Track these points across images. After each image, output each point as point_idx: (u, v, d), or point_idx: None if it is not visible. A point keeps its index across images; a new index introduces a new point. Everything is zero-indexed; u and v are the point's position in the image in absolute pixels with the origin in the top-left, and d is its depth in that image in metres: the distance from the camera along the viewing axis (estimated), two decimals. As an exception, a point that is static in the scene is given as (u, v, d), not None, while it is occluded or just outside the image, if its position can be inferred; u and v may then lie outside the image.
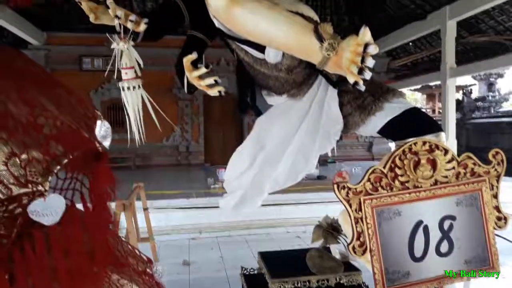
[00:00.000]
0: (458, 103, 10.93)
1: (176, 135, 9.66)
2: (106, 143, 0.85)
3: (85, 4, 1.71)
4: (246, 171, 2.14)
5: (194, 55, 1.54)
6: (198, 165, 9.60)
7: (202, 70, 1.53)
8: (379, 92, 1.86)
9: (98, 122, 0.84)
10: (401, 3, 7.42)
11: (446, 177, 1.52)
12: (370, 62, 1.03)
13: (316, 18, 1.68)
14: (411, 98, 21.81)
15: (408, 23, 7.52)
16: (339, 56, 1.09)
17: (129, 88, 1.79)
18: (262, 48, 1.71)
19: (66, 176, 0.82)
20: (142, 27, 1.77)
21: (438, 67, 7.02)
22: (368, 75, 1.05)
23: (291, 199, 5.13)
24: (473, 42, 7.51)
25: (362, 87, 1.07)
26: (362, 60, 1.04)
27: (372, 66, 1.04)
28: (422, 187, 1.50)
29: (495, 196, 1.60)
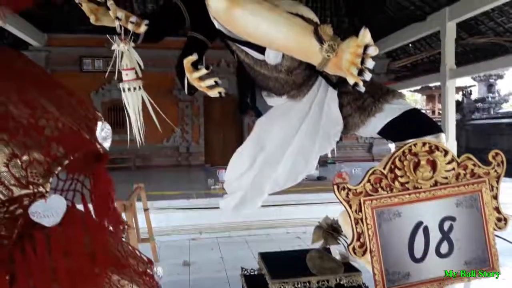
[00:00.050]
0: (458, 104, 10.91)
1: (176, 136, 9.66)
2: (107, 145, 0.86)
3: (85, 5, 1.71)
4: (246, 172, 2.14)
5: (195, 57, 1.54)
6: (199, 166, 9.60)
7: (203, 72, 1.53)
8: (379, 93, 1.87)
9: (99, 124, 0.84)
10: (400, 5, 7.43)
11: (446, 178, 1.52)
12: (370, 63, 1.04)
13: (316, 19, 1.69)
14: (411, 99, 21.81)
15: (407, 25, 7.53)
16: (339, 57, 1.09)
17: (129, 89, 1.79)
18: (262, 49, 1.71)
19: (67, 177, 0.82)
20: (142, 29, 1.78)
21: (438, 68, 7.02)
22: (368, 77, 1.05)
23: (291, 200, 5.12)
24: (472, 44, 7.51)
25: (362, 88, 1.07)
26: (362, 61, 1.04)
27: (372, 68, 1.05)
28: (422, 188, 1.50)
29: (495, 197, 1.60)
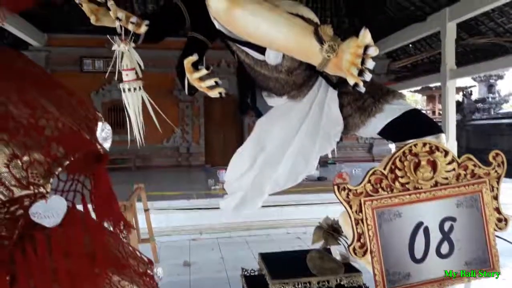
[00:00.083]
0: (458, 105, 10.91)
1: (176, 137, 9.66)
2: (107, 145, 0.86)
3: (86, 6, 1.71)
4: (246, 172, 2.14)
5: (195, 57, 1.54)
6: (199, 166, 9.60)
7: (203, 72, 1.53)
8: (379, 93, 1.87)
9: (99, 124, 0.84)
10: (401, 5, 7.43)
11: (447, 178, 1.52)
12: (370, 63, 1.04)
13: (316, 20, 1.69)
14: (411, 99, 21.81)
15: (408, 25, 7.53)
16: (339, 58, 1.09)
17: (130, 89, 1.79)
18: (262, 49, 1.71)
19: (68, 178, 0.82)
20: (143, 29, 1.78)
21: (438, 69, 7.02)
22: (368, 77, 1.05)
23: (292, 200, 5.12)
24: (473, 44, 7.51)
25: (362, 89, 1.07)
26: (362, 62, 1.04)
27: (372, 68, 1.05)
28: (423, 189, 1.50)
29: (496, 197, 1.60)
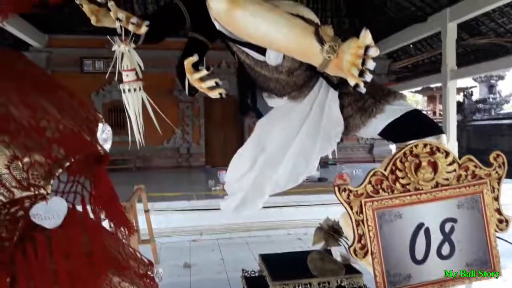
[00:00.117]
0: (459, 105, 10.92)
1: (177, 137, 9.66)
2: (107, 146, 0.86)
3: (86, 6, 1.71)
4: (247, 173, 2.14)
5: (195, 57, 1.54)
6: (199, 167, 9.60)
7: (203, 72, 1.53)
8: (380, 94, 1.86)
9: (100, 125, 0.84)
10: (401, 6, 7.44)
11: (447, 179, 1.52)
12: (370, 64, 1.04)
13: (316, 20, 1.69)
14: (412, 100, 21.81)
15: (408, 26, 7.54)
16: (340, 58, 1.09)
17: (130, 90, 1.79)
18: (263, 50, 1.71)
19: (68, 179, 0.82)
20: (143, 30, 1.78)
21: (439, 69, 7.03)
22: (368, 77, 1.05)
23: (292, 201, 5.11)
24: (473, 44, 7.52)
25: (363, 89, 1.07)
26: (363, 62, 1.04)
27: (372, 68, 1.05)
28: (423, 190, 1.50)
29: (496, 198, 1.60)
